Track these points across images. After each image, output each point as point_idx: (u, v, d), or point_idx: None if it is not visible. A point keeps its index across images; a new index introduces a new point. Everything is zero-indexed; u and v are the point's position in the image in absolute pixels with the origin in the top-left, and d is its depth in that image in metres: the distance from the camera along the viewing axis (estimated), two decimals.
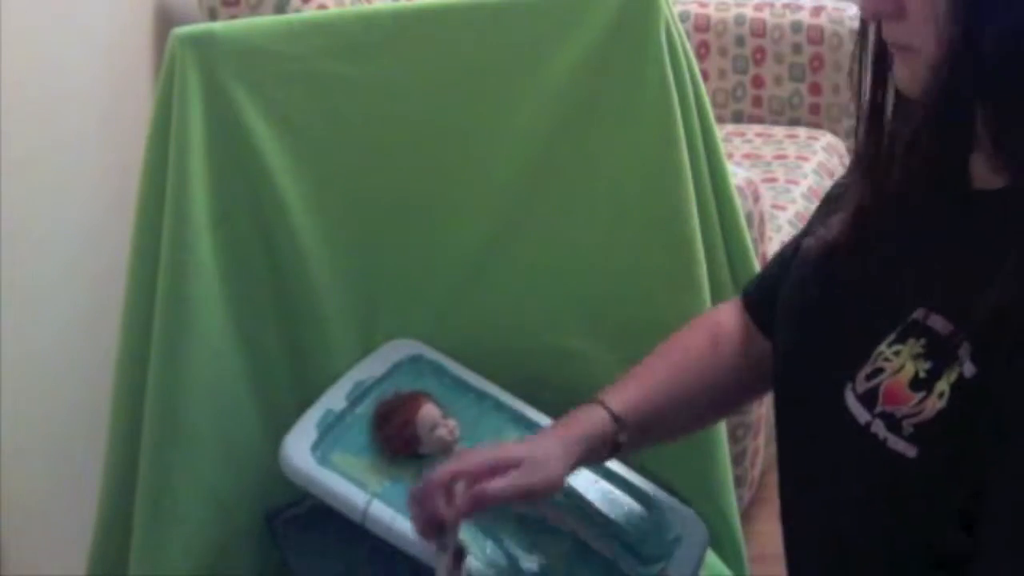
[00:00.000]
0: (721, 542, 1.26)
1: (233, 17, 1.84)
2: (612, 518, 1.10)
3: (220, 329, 1.14)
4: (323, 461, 1.08)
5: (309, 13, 1.84)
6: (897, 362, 0.82)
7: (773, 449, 1.00)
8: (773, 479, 1.04)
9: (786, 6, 2.66)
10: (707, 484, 1.25)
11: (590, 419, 1.02)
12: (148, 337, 1.12)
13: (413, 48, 1.19)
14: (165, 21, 1.87)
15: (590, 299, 1.25)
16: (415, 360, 1.22)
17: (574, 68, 1.19)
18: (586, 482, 1.14)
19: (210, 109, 1.12)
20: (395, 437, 1.12)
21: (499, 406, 1.22)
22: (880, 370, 0.83)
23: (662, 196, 1.20)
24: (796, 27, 2.62)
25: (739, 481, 1.86)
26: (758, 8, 2.67)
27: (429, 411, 1.12)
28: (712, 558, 1.24)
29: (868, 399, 0.83)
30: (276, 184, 1.16)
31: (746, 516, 1.61)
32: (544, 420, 1.21)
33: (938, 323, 0.81)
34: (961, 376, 0.78)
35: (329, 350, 1.22)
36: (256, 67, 1.14)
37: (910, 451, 0.80)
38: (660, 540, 1.13)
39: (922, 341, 0.81)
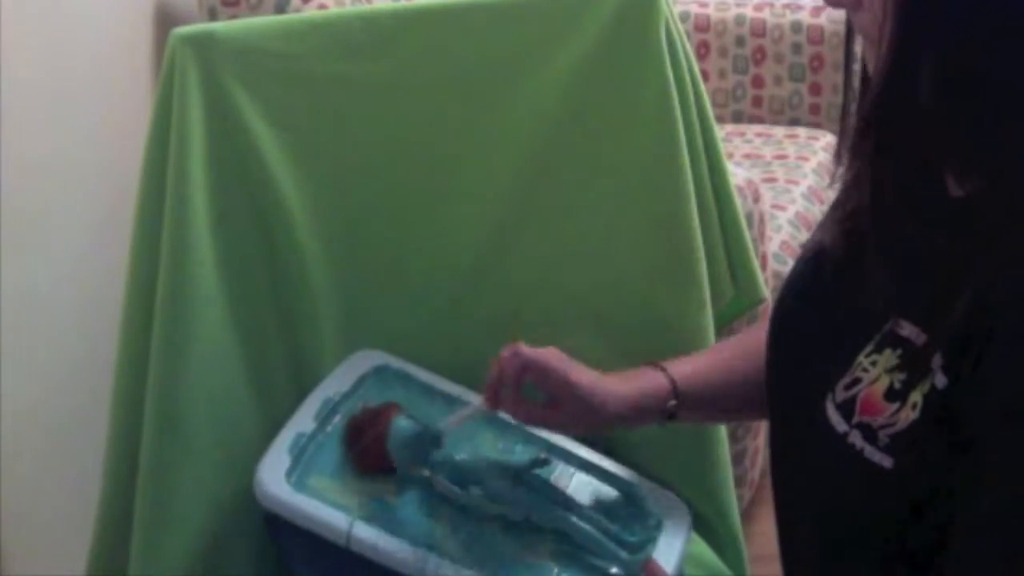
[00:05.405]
0: (721, 542, 1.26)
1: (233, 17, 1.84)
2: (594, 510, 1.10)
3: (220, 329, 1.14)
4: (299, 487, 1.06)
5: (309, 13, 1.84)
6: (874, 372, 0.81)
7: None
8: None
9: (786, 6, 2.66)
10: (707, 484, 1.25)
11: (649, 380, 1.09)
12: (148, 337, 1.12)
13: (413, 48, 1.19)
14: (165, 21, 1.87)
15: (590, 299, 1.24)
16: (380, 371, 1.21)
17: (574, 68, 1.19)
18: (565, 476, 1.14)
19: (210, 109, 1.12)
20: (368, 454, 1.10)
21: None
22: (858, 380, 0.82)
23: (662, 196, 1.20)
24: (796, 27, 2.63)
25: (739, 481, 1.86)
26: (758, 8, 2.67)
27: (400, 424, 1.11)
28: (712, 558, 1.24)
29: (846, 409, 0.83)
30: (276, 184, 1.16)
31: (746, 516, 1.61)
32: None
33: (913, 333, 0.80)
34: (933, 387, 0.77)
35: (328, 351, 1.22)
36: (256, 67, 1.14)
37: (886, 461, 0.79)
38: (643, 526, 1.13)
39: (898, 352, 0.80)
